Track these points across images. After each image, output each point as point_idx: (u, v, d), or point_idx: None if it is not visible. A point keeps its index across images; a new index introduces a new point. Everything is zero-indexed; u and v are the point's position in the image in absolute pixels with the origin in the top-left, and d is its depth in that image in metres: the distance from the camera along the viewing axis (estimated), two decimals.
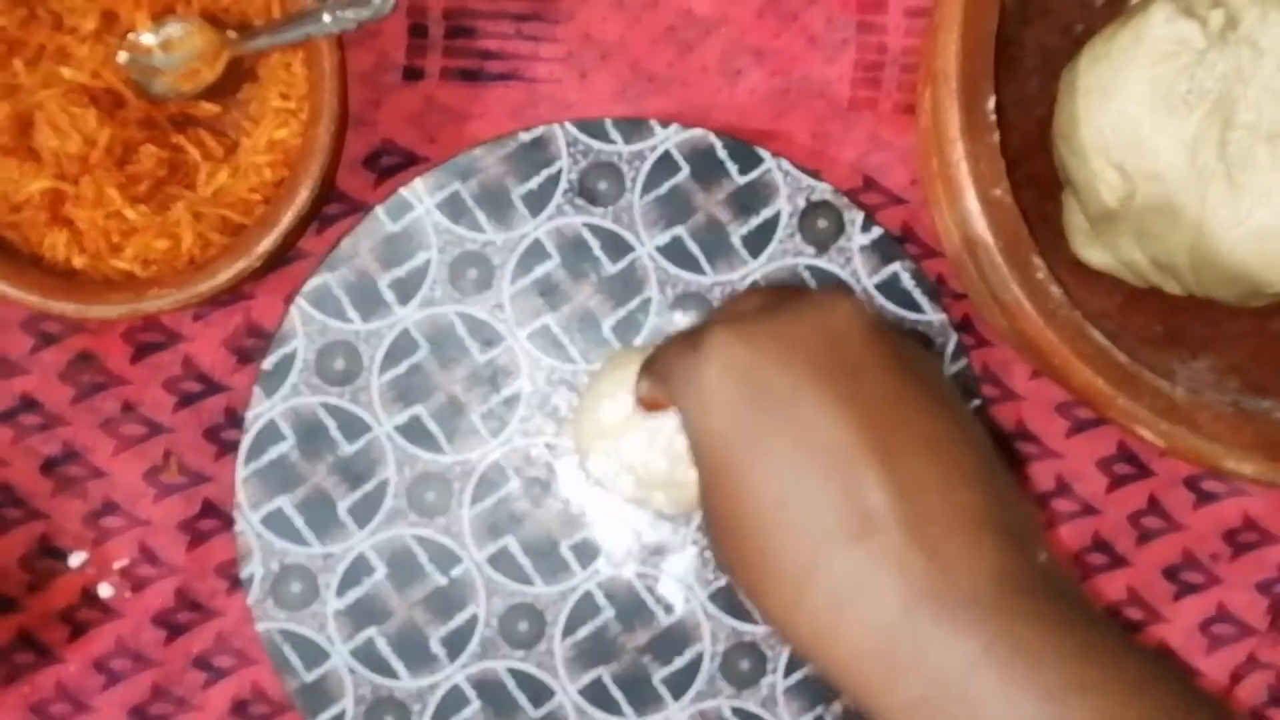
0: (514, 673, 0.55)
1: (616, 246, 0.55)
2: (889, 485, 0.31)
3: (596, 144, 0.55)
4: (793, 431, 0.31)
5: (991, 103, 0.47)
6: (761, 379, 0.32)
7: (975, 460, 0.33)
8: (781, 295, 0.36)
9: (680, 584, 0.55)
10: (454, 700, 0.54)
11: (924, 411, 0.32)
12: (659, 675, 0.55)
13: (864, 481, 0.31)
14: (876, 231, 0.55)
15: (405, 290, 0.55)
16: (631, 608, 0.55)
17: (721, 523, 0.33)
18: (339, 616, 0.54)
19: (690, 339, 0.35)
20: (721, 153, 0.55)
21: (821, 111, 0.57)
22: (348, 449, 0.55)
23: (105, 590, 0.56)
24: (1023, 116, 0.55)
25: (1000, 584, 0.31)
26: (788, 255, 0.55)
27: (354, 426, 0.55)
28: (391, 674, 0.54)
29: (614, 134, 0.55)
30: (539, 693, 0.55)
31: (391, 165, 0.57)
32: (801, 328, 0.33)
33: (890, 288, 0.55)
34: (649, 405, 0.41)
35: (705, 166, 0.55)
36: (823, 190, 0.55)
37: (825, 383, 0.32)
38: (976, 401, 0.55)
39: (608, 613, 0.55)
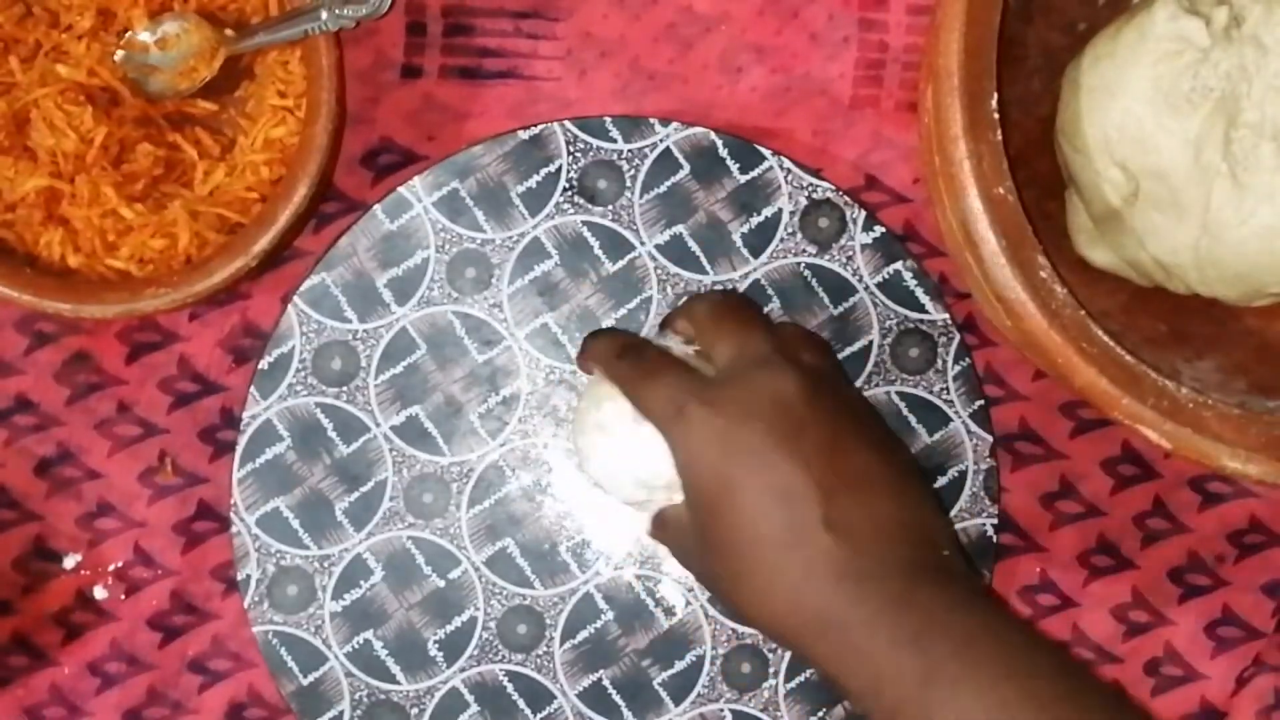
0: (513, 676, 0.54)
1: (616, 245, 0.55)
2: (826, 508, 0.44)
3: (596, 142, 0.55)
4: (758, 478, 0.45)
5: (994, 101, 0.46)
6: (733, 441, 0.45)
7: (892, 480, 0.46)
8: (742, 358, 0.47)
9: (681, 586, 0.55)
10: (452, 704, 0.54)
11: (852, 450, 0.46)
12: (659, 678, 0.55)
13: (809, 507, 0.44)
14: (878, 230, 0.55)
15: (403, 290, 0.54)
16: (631, 610, 0.55)
17: (712, 542, 0.46)
18: (336, 619, 0.54)
19: (672, 401, 0.47)
20: (722, 151, 0.55)
21: (823, 109, 0.57)
22: (345, 450, 0.54)
23: (100, 592, 0.55)
24: (1025, 115, 0.54)
25: (904, 568, 0.44)
26: (789, 254, 0.55)
27: (351, 427, 0.54)
28: (389, 677, 0.54)
29: (614, 132, 0.55)
30: (538, 696, 0.54)
31: (390, 164, 0.56)
32: (760, 400, 0.46)
33: (892, 287, 0.55)
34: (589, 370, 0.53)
35: (706, 165, 0.55)
36: (824, 189, 0.55)
37: (778, 440, 0.45)
38: (980, 402, 0.55)
39: (607, 615, 0.55)
